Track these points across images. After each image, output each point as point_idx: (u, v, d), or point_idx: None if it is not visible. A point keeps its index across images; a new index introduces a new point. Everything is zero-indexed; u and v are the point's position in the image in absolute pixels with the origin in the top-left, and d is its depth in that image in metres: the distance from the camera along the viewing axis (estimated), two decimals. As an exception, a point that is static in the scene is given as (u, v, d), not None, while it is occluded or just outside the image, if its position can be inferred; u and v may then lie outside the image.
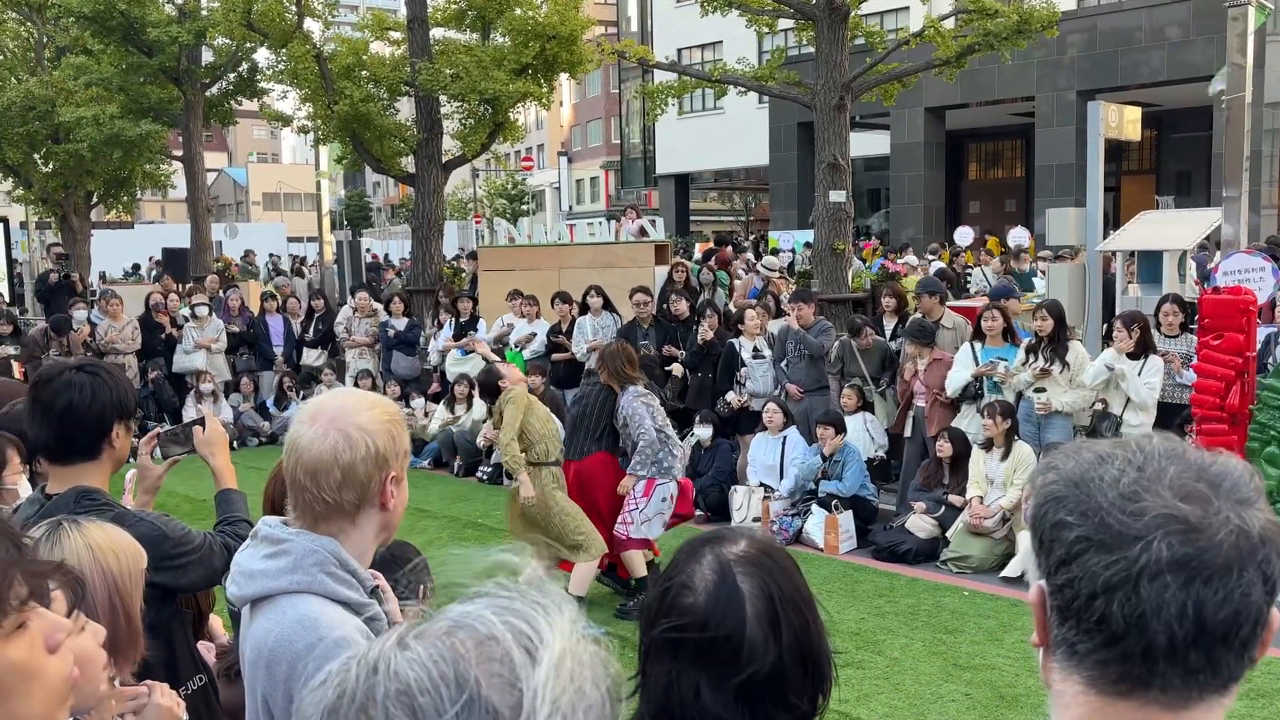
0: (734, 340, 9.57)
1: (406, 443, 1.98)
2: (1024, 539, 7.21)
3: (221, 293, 14.45)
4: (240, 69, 20.70)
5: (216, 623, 3.62)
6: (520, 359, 11.38)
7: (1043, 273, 13.02)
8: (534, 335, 11.47)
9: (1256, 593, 0.95)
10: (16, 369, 10.97)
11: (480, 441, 10.83)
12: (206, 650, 3.25)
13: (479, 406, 11.07)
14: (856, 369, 9.05)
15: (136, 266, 26.21)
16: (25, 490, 2.72)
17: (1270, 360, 7.41)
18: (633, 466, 6.69)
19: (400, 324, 12.80)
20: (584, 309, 10.98)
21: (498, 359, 11.20)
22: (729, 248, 16.50)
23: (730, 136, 32.77)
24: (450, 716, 0.70)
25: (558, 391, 10.93)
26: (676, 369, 9.73)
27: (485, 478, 10.59)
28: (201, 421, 3.07)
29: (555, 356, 11.18)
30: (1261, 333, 7.34)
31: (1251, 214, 13.89)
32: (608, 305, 10.93)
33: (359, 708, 0.72)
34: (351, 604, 1.92)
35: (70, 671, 1.13)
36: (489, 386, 6.95)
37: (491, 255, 13.56)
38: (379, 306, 13.31)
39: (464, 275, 15.43)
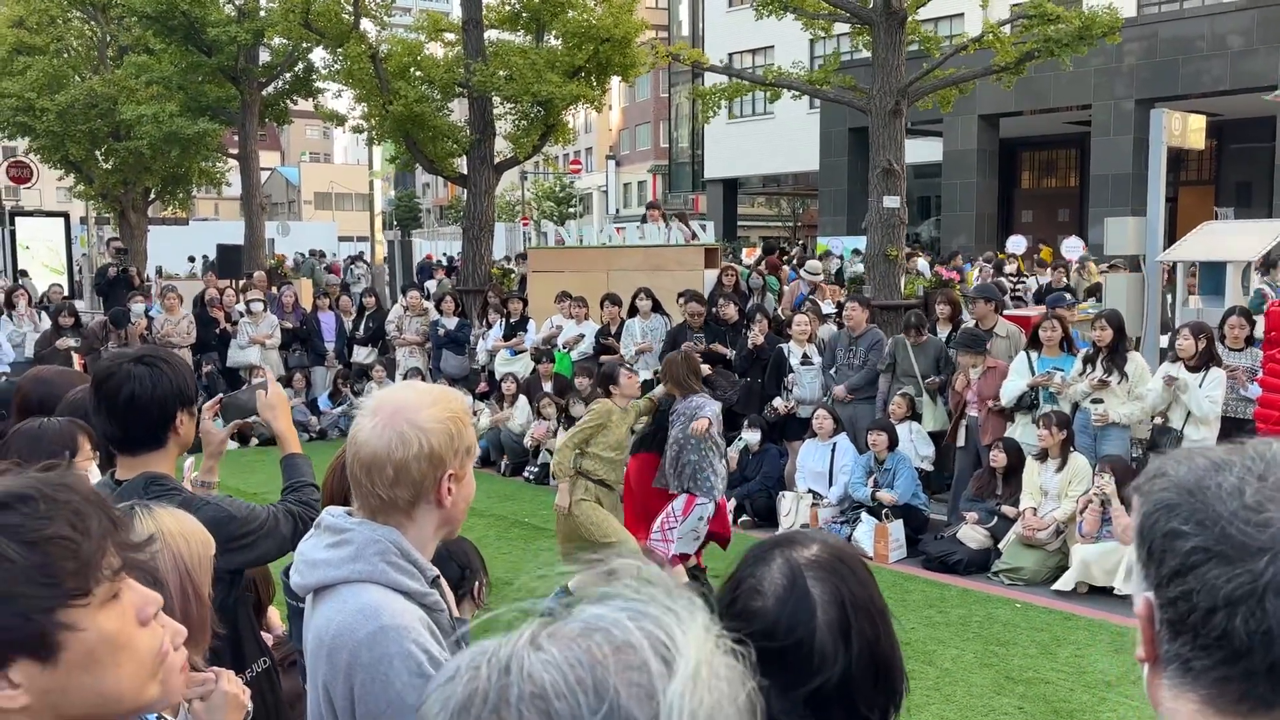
0: (783, 345, 9.50)
1: (469, 440, 1.95)
2: (1078, 550, 7.07)
3: (276, 290, 14.62)
4: (296, 68, 20.95)
5: (274, 614, 3.64)
6: (568, 361, 11.39)
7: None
8: (582, 337, 11.48)
9: None
10: (77, 360, 11.17)
11: (528, 441, 10.85)
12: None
13: (523, 405, 11.09)
14: (909, 367, 8.92)
15: (193, 259, 26.63)
16: (95, 476, 2.74)
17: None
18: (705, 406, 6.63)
19: (451, 323, 12.88)
20: (633, 311, 10.96)
21: (550, 361, 11.25)
22: (776, 254, 16.47)
23: (779, 141, 32.64)
24: None
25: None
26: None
27: (531, 477, 10.60)
28: (264, 385, 3.08)
29: (603, 359, 11.15)
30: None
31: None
32: (657, 308, 10.90)
33: (492, 708, 0.70)
34: (413, 594, 1.92)
35: (161, 646, 1.14)
36: (606, 378, 6.91)
37: (541, 256, 13.60)
38: (430, 305, 13.40)
39: (513, 276, 15.48)
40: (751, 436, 9.09)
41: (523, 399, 11.13)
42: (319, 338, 13.57)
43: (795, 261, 17.57)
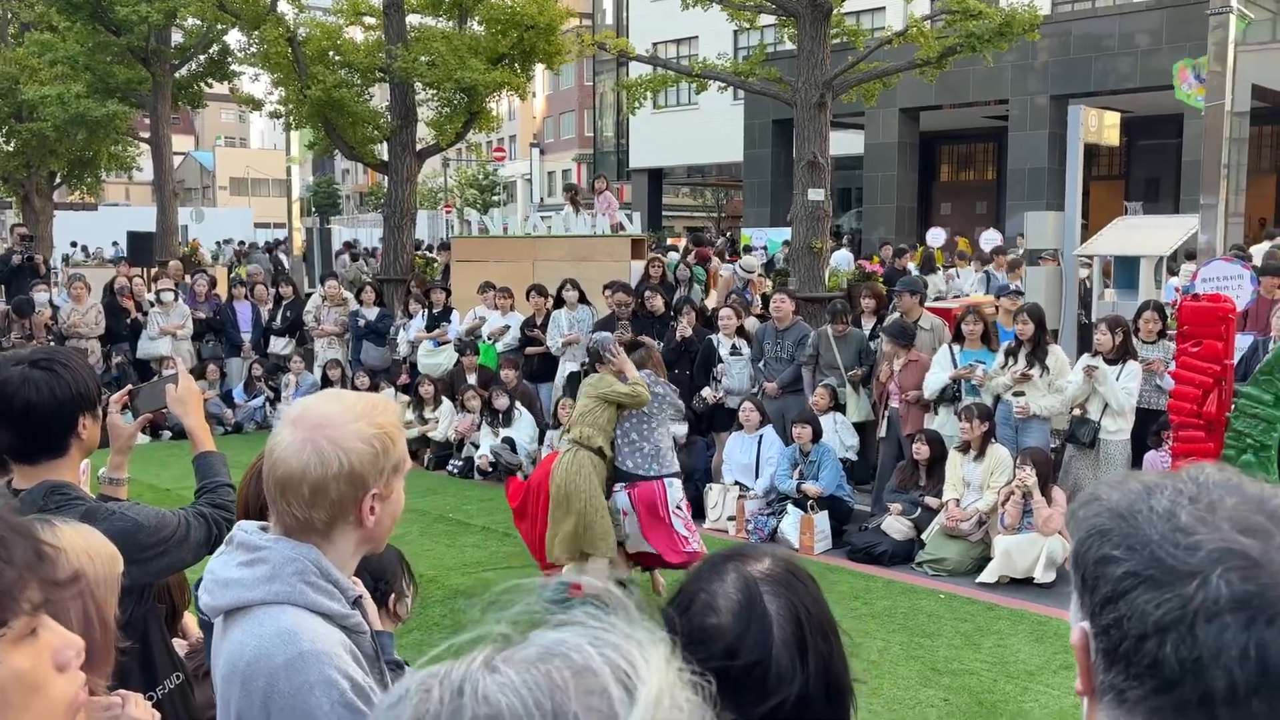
0: (712, 337, 9.49)
1: (397, 457, 1.81)
2: (1000, 541, 7.17)
3: (188, 278, 14.18)
4: (210, 51, 20.34)
5: (190, 621, 3.48)
6: (493, 352, 11.24)
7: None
8: (507, 328, 11.32)
9: None
10: (-26, 352, 10.68)
11: (451, 435, 10.67)
12: (179, 648, 3.13)
13: (446, 409, 10.87)
14: (831, 359, 8.97)
15: (75, 245, 25.66)
16: (-14, 486, 2.55)
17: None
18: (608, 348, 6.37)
19: (371, 313, 12.60)
20: (559, 302, 10.85)
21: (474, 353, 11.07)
22: (706, 246, 16.47)
23: (704, 132, 32.69)
24: None
25: (531, 385, 10.81)
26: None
27: (456, 471, 10.43)
28: (175, 378, 2.91)
29: (529, 350, 11.04)
30: (1245, 340, 7.33)
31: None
32: (583, 299, 10.80)
33: None
34: (334, 616, 1.80)
35: (77, 696, 1.07)
36: (594, 355, 6.59)
37: (465, 246, 13.40)
38: (349, 295, 13.11)
39: (436, 265, 15.24)
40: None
41: (446, 403, 10.90)
42: (234, 328, 13.18)
43: (720, 253, 17.60)
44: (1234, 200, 19.61)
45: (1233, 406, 6.65)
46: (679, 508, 6.33)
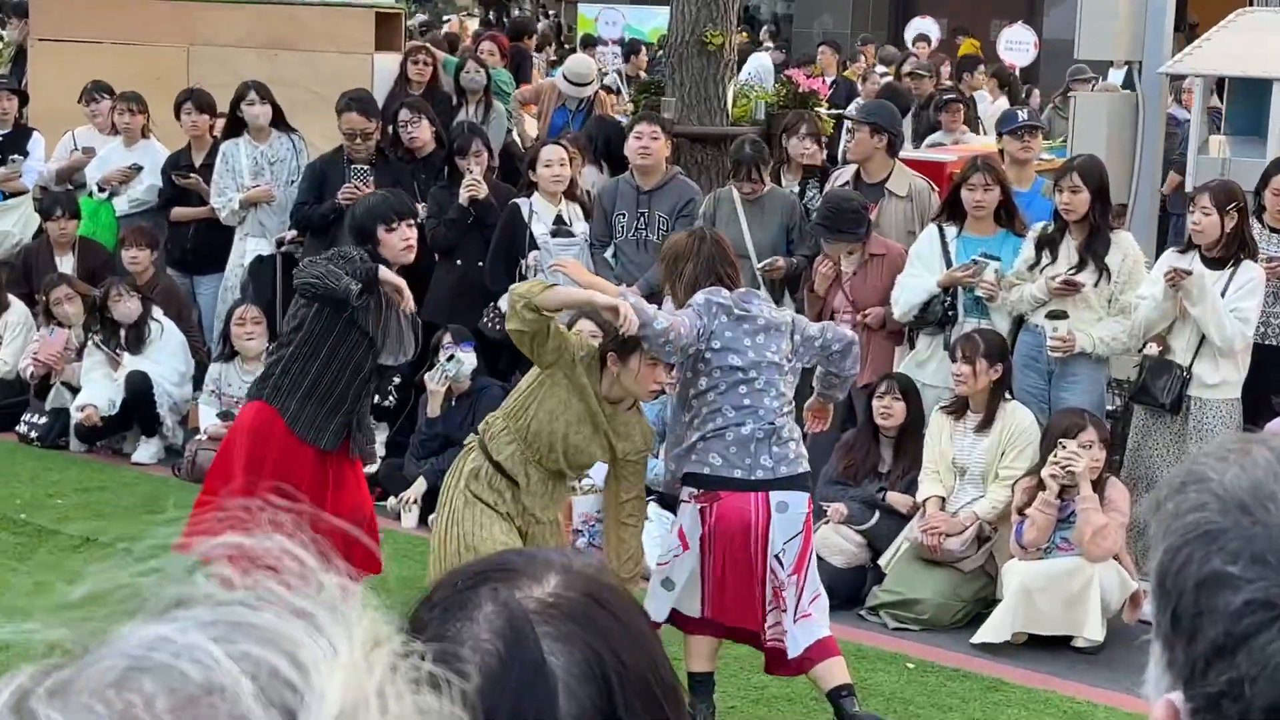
0: (519, 201, 9.50)
1: None
2: (1015, 572, 7.44)
3: None
4: None
5: None
6: (111, 213, 11.03)
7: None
8: (138, 170, 11.09)
9: None
10: None
11: (25, 366, 10.48)
12: None
13: (17, 313, 10.64)
14: (739, 237, 8.92)
15: None
16: None
17: None
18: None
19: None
20: (236, 126, 10.65)
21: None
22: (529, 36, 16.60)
23: None
24: None
25: (184, 278, 10.68)
26: None
27: (35, 435, 10.35)
28: None
29: (178, 214, 10.83)
30: None
31: None
32: (282, 120, 10.64)
33: None
34: None
35: None
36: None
37: (53, 9, 12.97)
38: None
39: (1, 45, 14.84)
40: (465, 360, 9.05)
41: (17, 307, 10.69)
42: None
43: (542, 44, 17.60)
44: None
45: None
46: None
